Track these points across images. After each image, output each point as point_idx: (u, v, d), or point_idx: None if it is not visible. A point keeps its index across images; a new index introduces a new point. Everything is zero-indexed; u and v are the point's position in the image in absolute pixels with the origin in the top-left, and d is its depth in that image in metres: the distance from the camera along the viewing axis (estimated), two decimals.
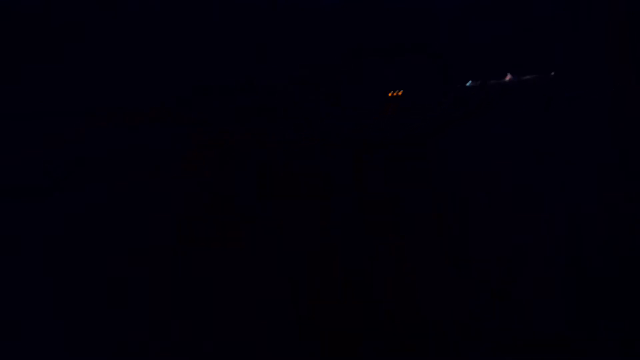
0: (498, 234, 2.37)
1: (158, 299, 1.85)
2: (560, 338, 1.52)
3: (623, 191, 2.85)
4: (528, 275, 1.93)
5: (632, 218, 2.48)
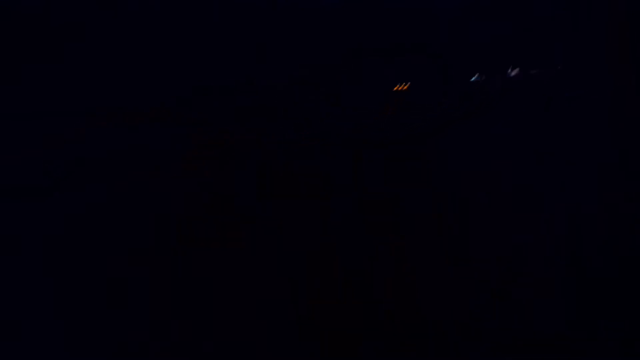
0: (498, 234, 2.37)
1: (158, 299, 1.85)
2: (560, 338, 1.52)
3: (623, 191, 2.85)
4: (528, 275, 1.93)
5: (632, 218, 2.49)
